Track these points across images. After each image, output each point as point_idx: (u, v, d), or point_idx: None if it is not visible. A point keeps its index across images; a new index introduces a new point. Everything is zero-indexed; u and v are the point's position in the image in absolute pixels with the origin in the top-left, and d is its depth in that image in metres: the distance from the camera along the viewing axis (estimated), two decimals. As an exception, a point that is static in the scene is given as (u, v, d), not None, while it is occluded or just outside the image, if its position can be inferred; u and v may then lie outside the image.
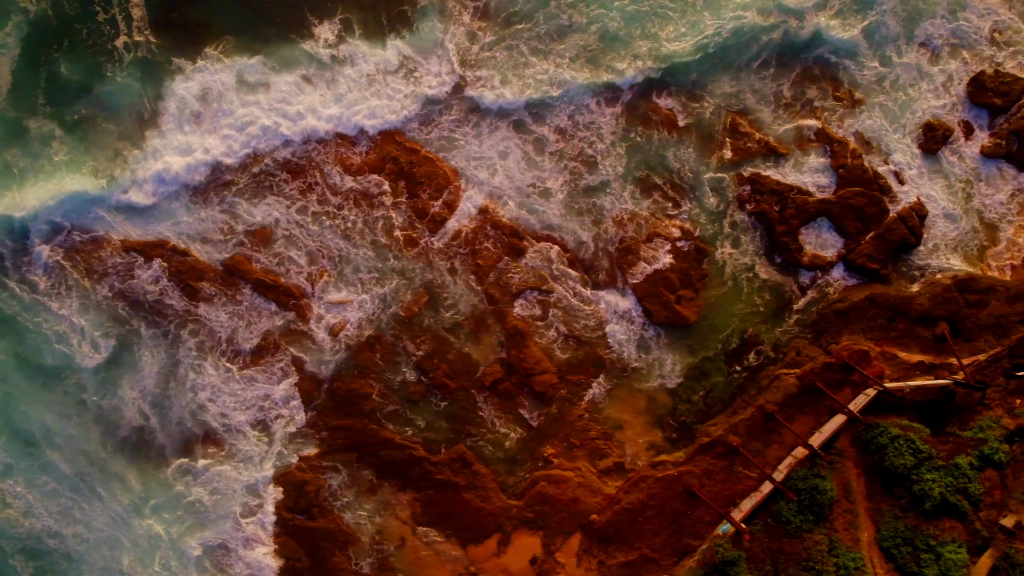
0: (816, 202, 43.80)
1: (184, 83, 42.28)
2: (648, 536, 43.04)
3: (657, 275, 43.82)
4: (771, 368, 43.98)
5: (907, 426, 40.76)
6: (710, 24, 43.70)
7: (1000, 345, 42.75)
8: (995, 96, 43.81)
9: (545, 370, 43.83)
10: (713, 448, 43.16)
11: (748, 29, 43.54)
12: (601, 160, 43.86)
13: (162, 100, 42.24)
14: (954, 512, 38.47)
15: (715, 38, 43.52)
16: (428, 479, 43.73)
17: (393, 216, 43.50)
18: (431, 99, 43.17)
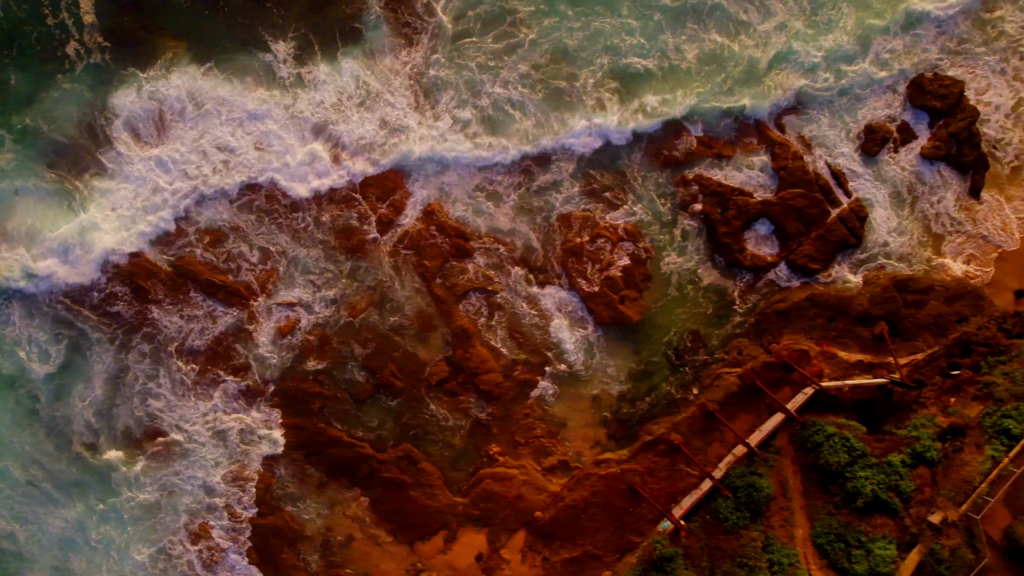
0: (757, 203, 44.31)
1: (133, 99, 43.03)
2: (591, 533, 43.48)
3: (601, 275, 44.35)
4: (713, 367, 44.47)
5: (843, 424, 41.19)
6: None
7: (938, 344, 43.19)
8: (934, 99, 44.27)
9: (490, 369, 44.34)
10: (655, 446, 43.61)
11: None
12: (551, 161, 44.62)
13: (112, 120, 43.03)
14: (886, 509, 38.82)
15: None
16: (375, 477, 44.22)
17: (339, 216, 44.25)
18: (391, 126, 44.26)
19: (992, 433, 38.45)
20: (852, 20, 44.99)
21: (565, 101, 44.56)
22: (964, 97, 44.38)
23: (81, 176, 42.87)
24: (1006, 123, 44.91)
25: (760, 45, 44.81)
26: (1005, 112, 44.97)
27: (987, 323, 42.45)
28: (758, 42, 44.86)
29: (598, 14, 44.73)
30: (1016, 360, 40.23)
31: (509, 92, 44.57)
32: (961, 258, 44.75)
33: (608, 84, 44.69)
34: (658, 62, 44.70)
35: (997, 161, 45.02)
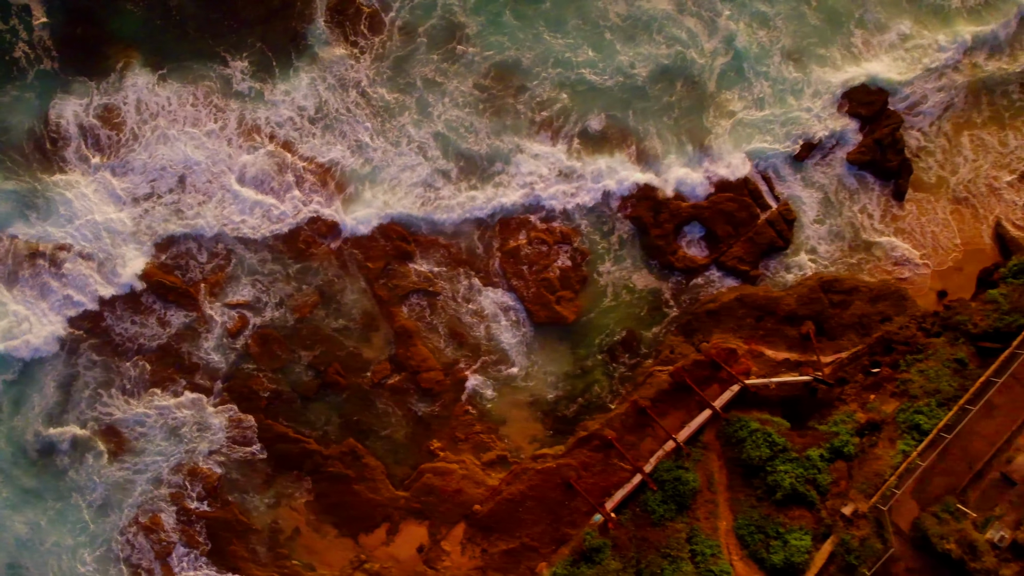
0: (689, 207, 45.69)
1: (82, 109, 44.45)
2: (528, 525, 44.89)
3: (538, 277, 45.72)
4: (646, 365, 45.85)
5: (767, 420, 42.59)
6: (624, 59, 46.19)
7: (862, 343, 44.60)
8: (861, 106, 45.65)
9: (431, 367, 45.74)
10: (590, 442, 45.04)
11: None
12: (480, 164, 46.06)
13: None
14: (803, 501, 40.22)
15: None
16: (321, 471, 45.63)
17: (286, 221, 45.63)
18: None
19: (905, 428, 39.83)
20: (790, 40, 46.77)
21: (510, 125, 46.17)
22: (888, 104, 45.75)
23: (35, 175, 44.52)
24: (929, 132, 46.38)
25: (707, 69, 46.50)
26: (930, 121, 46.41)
27: (908, 323, 43.84)
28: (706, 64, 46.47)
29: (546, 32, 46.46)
30: (932, 358, 41.58)
31: (460, 113, 46.07)
32: (890, 260, 46.14)
33: (556, 101, 46.28)
34: (611, 78, 46.25)
35: (920, 168, 46.47)
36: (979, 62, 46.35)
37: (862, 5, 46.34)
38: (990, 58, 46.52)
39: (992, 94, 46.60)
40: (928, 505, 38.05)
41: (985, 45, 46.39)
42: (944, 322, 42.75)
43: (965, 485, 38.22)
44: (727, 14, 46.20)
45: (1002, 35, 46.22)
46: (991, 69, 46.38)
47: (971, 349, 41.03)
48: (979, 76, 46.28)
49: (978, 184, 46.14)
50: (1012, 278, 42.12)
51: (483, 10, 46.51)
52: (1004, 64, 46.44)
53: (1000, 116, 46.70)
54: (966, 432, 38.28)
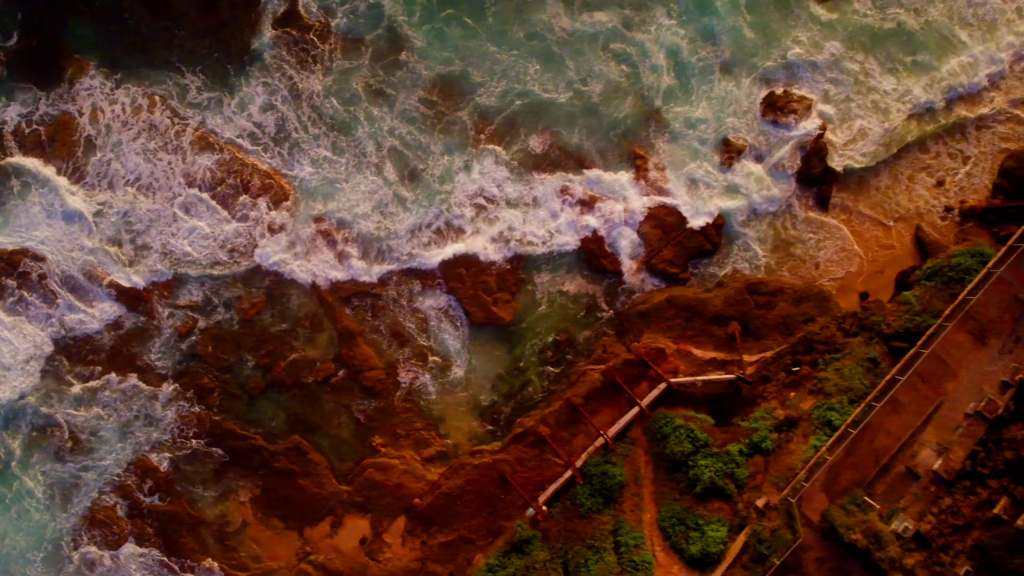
0: (620, 212, 47.27)
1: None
2: (466, 518, 46.50)
3: (476, 278, 47.33)
4: (580, 364, 47.48)
5: (690, 416, 44.17)
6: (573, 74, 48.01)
7: (785, 343, 46.21)
8: (784, 115, 47.28)
9: (373, 367, 47.36)
10: (525, 438, 46.62)
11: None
12: (421, 173, 47.74)
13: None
14: (721, 494, 41.78)
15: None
16: (267, 467, 47.24)
17: (233, 225, 47.26)
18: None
19: (818, 424, 41.42)
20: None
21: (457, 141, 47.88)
22: (812, 112, 47.36)
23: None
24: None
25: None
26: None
27: (828, 323, 45.42)
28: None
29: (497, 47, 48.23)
30: (848, 357, 43.15)
31: (408, 128, 47.76)
32: (813, 263, 47.76)
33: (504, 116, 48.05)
34: (561, 93, 47.97)
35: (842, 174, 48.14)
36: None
37: (795, 27, 48.10)
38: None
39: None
40: (837, 498, 39.60)
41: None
42: (861, 323, 44.34)
43: (872, 478, 39.79)
44: (671, 29, 47.83)
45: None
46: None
47: (884, 348, 42.62)
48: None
49: (899, 189, 47.75)
50: (926, 280, 43.70)
51: (427, 24, 48.18)
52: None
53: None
54: (873, 428, 39.85)
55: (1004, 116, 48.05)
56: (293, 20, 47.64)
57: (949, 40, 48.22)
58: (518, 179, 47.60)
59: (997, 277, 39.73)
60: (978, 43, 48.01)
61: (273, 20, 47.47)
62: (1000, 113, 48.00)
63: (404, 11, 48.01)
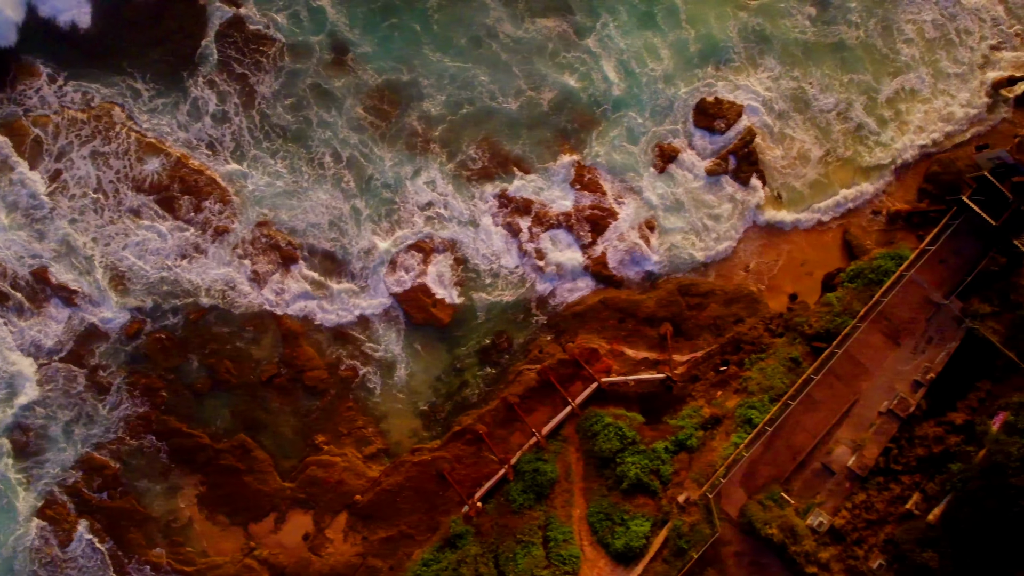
0: (556, 215, 48.38)
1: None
2: (406, 514, 47.53)
3: (415, 281, 48.35)
4: (517, 364, 48.52)
5: (620, 415, 45.22)
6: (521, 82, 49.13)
7: (716, 343, 47.27)
8: (714, 120, 48.32)
9: (316, 367, 48.36)
10: (464, 436, 47.64)
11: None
12: (366, 178, 48.79)
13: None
14: (647, 490, 42.89)
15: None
16: (213, 464, 48.15)
17: (179, 229, 48.32)
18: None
19: (739, 422, 42.51)
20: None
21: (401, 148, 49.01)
22: (742, 119, 48.41)
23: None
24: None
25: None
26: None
27: (757, 324, 46.51)
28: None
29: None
30: (772, 357, 44.24)
31: (356, 135, 48.76)
32: (743, 265, 48.80)
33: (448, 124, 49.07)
34: (508, 101, 49.06)
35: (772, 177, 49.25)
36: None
37: (727, 43, 49.36)
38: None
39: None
40: (755, 493, 40.72)
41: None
42: (787, 323, 45.43)
43: (790, 475, 40.93)
44: (612, 40, 48.92)
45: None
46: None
47: (806, 349, 43.75)
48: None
49: (825, 192, 48.86)
50: (848, 282, 44.80)
51: (371, 33, 49.14)
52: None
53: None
54: (791, 425, 40.97)
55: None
56: (238, 28, 48.56)
57: (888, 58, 49.59)
58: (461, 189, 48.59)
59: (908, 279, 40.82)
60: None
61: (219, 28, 48.40)
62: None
63: (347, 20, 49.00)
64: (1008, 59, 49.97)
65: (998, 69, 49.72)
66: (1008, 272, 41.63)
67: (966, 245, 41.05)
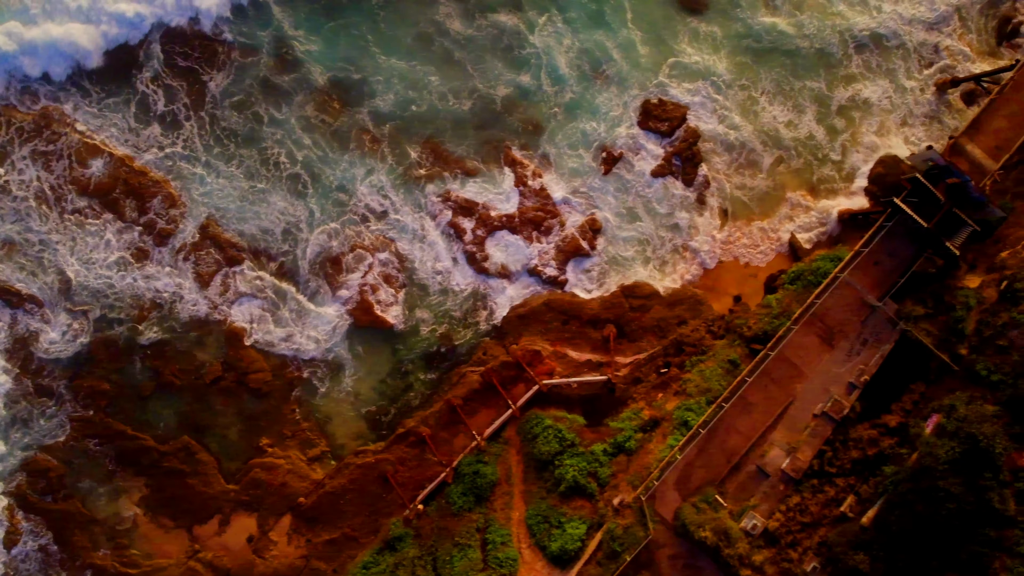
0: (500, 217, 48.14)
1: None
2: (349, 516, 47.23)
3: (359, 283, 48.13)
4: (461, 366, 48.27)
5: (561, 417, 44.95)
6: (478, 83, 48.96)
7: (659, 345, 47.02)
8: (659, 122, 48.11)
9: (260, 369, 48.08)
10: (407, 438, 47.36)
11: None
12: (311, 180, 48.55)
13: None
14: (584, 493, 42.64)
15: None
16: (157, 466, 47.83)
17: (124, 231, 48.09)
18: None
19: (676, 424, 42.25)
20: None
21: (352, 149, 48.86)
22: (687, 120, 48.20)
23: None
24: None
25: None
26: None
27: (699, 326, 46.27)
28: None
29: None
30: (712, 359, 43.99)
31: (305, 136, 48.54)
32: (690, 266, 48.59)
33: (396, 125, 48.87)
34: (462, 102, 48.97)
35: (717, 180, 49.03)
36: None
37: (680, 42, 49.19)
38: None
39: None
40: (690, 496, 40.43)
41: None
42: (727, 325, 45.19)
43: (724, 477, 40.65)
44: (560, 41, 48.79)
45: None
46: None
47: (745, 351, 43.49)
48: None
49: (771, 195, 48.63)
50: (789, 284, 44.56)
51: (316, 32, 48.94)
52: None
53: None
54: (725, 428, 40.71)
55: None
56: (186, 27, 48.30)
57: (835, 61, 49.57)
58: (406, 190, 48.37)
59: (842, 281, 40.56)
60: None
61: (166, 29, 48.18)
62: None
63: (292, 19, 48.80)
64: (952, 61, 49.83)
65: (943, 71, 49.55)
66: (945, 274, 41.41)
67: (901, 247, 40.80)
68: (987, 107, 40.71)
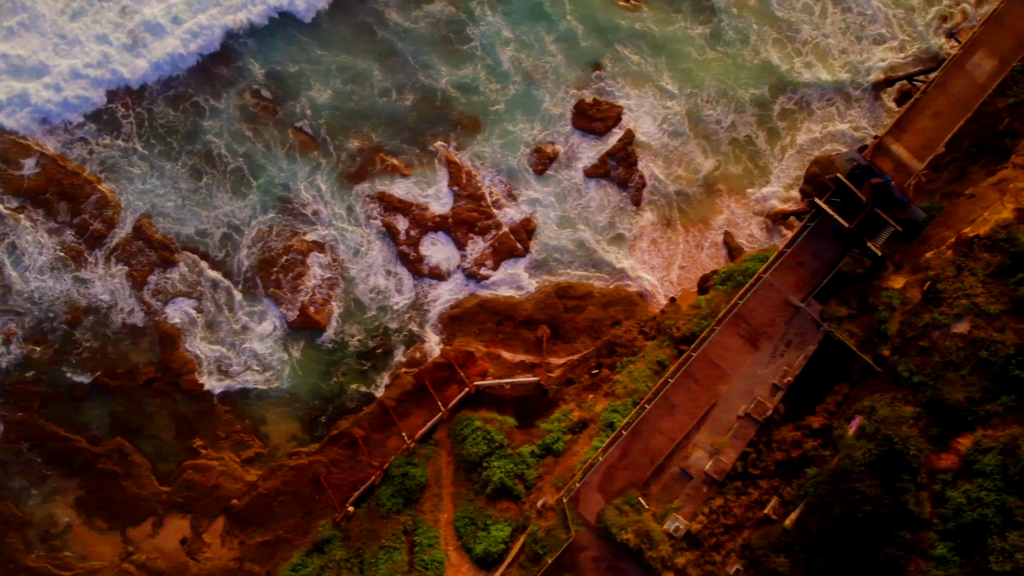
0: (435, 217, 47.65)
1: None
2: (283, 518, 46.71)
3: (294, 284, 47.63)
4: (395, 367, 47.78)
5: (490, 418, 44.45)
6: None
7: (592, 346, 46.56)
8: (594, 123, 47.61)
9: (193, 370, 47.64)
10: (340, 440, 46.87)
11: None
12: (246, 178, 48.09)
13: None
14: (510, 495, 42.16)
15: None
16: (90, 468, 47.28)
17: (57, 232, 47.58)
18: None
19: (603, 426, 41.77)
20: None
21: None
22: (621, 121, 47.72)
23: None
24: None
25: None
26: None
27: (632, 327, 45.80)
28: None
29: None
30: (642, 360, 43.49)
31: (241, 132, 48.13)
32: (626, 266, 48.10)
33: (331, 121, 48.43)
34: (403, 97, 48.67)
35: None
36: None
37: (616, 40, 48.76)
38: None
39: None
40: (613, 498, 39.91)
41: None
42: (659, 326, 44.72)
43: (648, 479, 40.14)
44: (496, 38, 48.38)
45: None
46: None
47: (674, 351, 42.99)
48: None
49: (708, 196, 48.15)
50: (720, 284, 44.05)
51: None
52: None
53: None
54: (649, 430, 40.19)
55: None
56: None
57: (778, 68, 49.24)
58: (340, 189, 47.89)
59: (764, 281, 40.08)
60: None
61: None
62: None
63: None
64: (888, 62, 49.45)
65: (879, 72, 49.13)
66: (872, 275, 40.95)
67: (825, 247, 40.31)
68: (911, 106, 40.18)
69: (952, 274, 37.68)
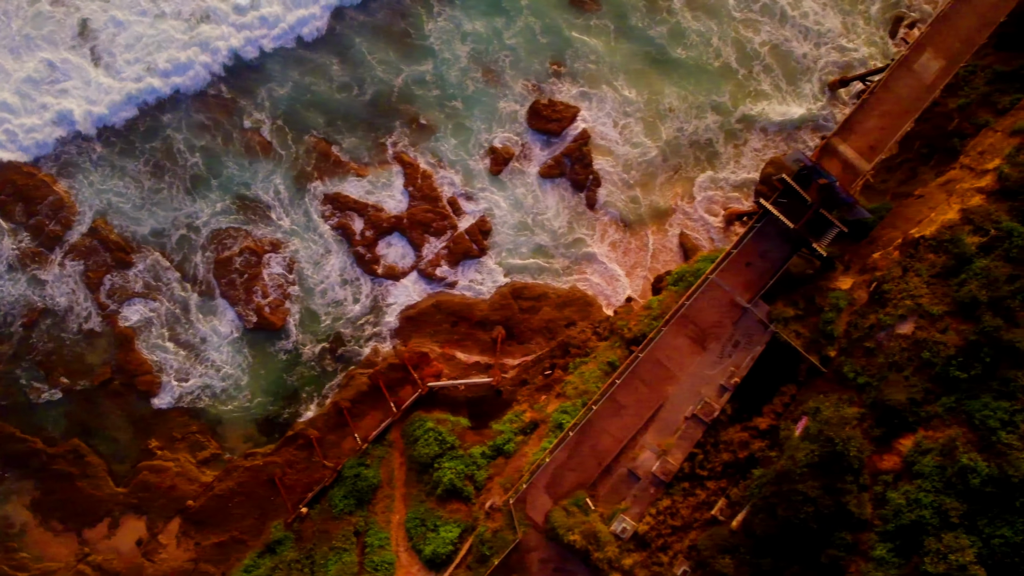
0: (390, 218, 47.39)
1: None
2: (238, 519, 46.46)
3: (249, 284, 47.40)
4: (350, 368, 47.56)
5: (443, 419, 44.22)
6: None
7: (547, 347, 46.31)
8: (549, 123, 47.36)
9: (148, 371, 47.37)
10: (296, 441, 46.65)
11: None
12: (202, 178, 47.86)
13: None
14: (460, 496, 41.95)
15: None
16: (46, 469, 47.01)
17: (12, 234, 47.32)
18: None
19: (552, 427, 41.53)
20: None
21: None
22: (577, 122, 47.45)
23: None
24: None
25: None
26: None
27: (586, 327, 45.57)
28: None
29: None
30: (593, 361, 43.27)
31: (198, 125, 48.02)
32: (581, 267, 47.86)
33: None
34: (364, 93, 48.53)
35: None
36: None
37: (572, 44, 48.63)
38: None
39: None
40: (560, 499, 39.69)
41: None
42: (612, 327, 44.48)
43: (595, 480, 39.89)
44: (453, 39, 48.23)
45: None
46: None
47: (625, 352, 42.76)
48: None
49: (664, 196, 47.91)
50: (672, 285, 43.83)
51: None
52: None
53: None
54: (596, 430, 39.94)
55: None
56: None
57: (738, 72, 48.97)
58: (295, 189, 47.67)
59: (711, 282, 39.85)
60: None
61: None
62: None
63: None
64: (841, 61, 49.27)
65: (832, 72, 48.94)
66: (821, 275, 40.74)
67: (773, 248, 40.06)
68: (859, 107, 39.93)
69: (898, 275, 37.46)
